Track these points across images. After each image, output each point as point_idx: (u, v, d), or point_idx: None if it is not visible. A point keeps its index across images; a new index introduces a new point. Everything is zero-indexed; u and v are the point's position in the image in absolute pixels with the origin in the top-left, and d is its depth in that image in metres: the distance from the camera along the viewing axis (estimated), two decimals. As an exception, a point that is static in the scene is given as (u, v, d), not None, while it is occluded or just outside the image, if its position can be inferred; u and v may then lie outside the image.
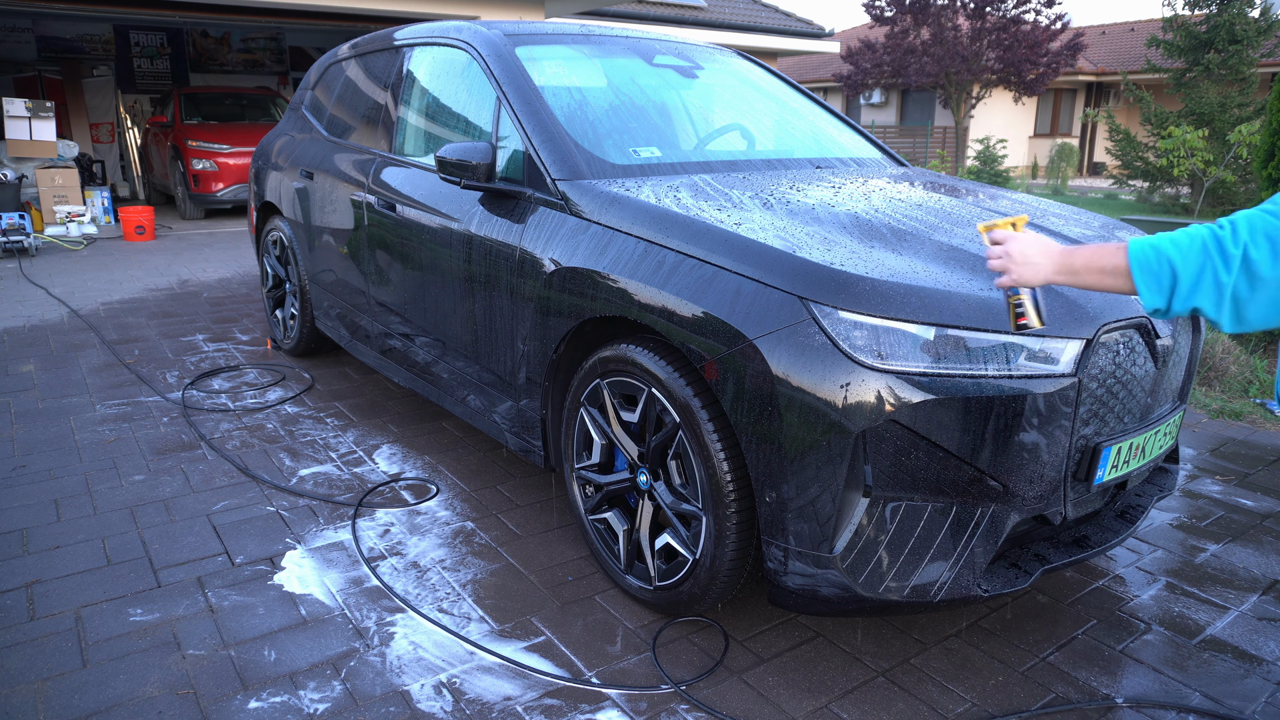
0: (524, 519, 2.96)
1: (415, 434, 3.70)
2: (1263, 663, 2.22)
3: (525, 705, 2.04)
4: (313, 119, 4.44)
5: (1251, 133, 9.20)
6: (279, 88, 15.21)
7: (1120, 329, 2.04)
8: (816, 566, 1.96)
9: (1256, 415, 4.01)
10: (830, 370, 1.86)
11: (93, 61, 13.80)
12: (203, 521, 2.90)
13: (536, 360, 2.65)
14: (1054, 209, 2.73)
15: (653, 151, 2.84)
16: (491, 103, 2.97)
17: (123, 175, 13.94)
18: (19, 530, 2.82)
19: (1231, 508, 3.10)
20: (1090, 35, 26.50)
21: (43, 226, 9.09)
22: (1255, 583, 2.60)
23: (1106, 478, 2.07)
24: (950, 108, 20.98)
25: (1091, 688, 2.12)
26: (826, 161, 3.14)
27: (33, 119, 9.05)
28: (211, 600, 2.44)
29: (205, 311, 5.91)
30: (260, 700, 2.03)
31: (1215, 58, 14.56)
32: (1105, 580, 2.61)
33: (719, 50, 3.80)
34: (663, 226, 2.27)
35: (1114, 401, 2.05)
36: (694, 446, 2.11)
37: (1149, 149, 13.67)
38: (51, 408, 3.97)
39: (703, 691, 2.09)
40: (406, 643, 2.26)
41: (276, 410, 3.97)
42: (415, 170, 3.32)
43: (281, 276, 4.71)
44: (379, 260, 3.49)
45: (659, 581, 2.33)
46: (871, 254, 2.06)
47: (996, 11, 19.86)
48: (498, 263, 2.75)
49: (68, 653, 2.19)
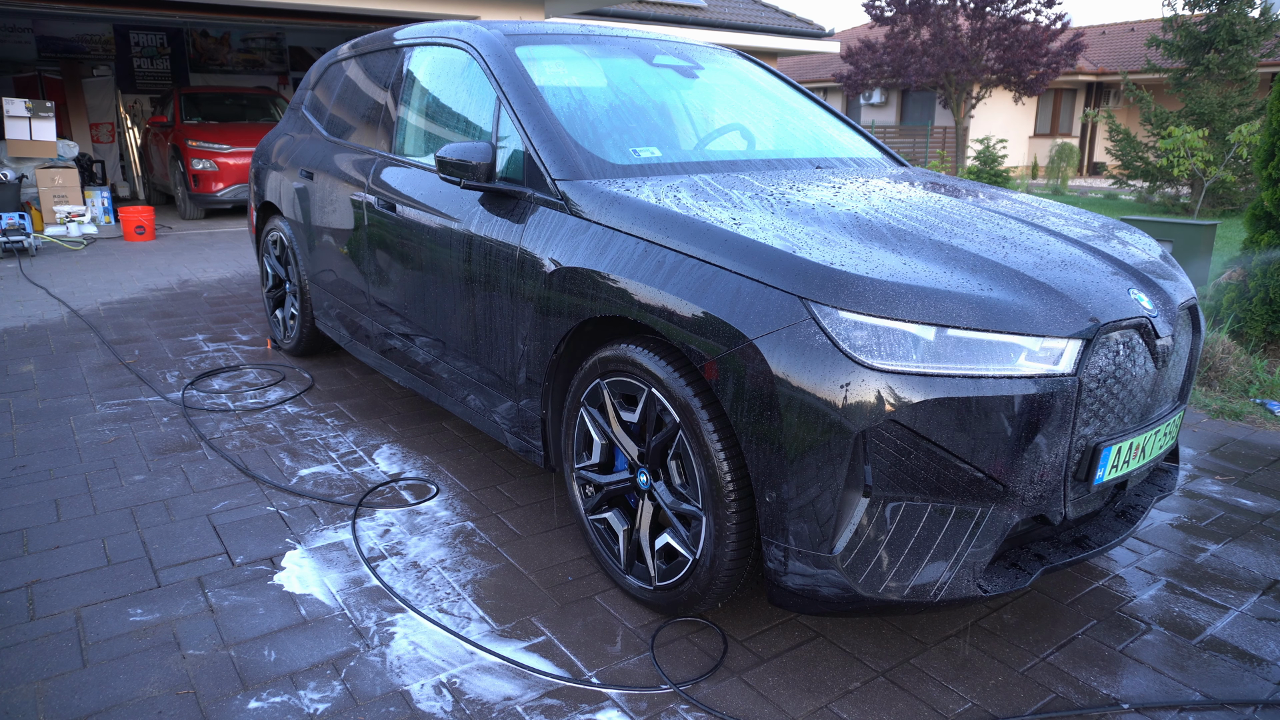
0: (524, 519, 2.96)
1: (415, 434, 3.70)
2: (1263, 663, 2.22)
3: (525, 705, 2.04)
4: (313, 119, 4.44)
5: (1251, 133, 9.20)
6: (279, 88, 15.22)
7: (1120, 329, 2.04)
8: (816, 566, 1.96)
9: (1256, 415, 4.01)
10: (830, 370, 1.86)
11: (93, 61, 13.80)
12: (203, 521, 2.90)
13: (536, 360, 2.65)
14: (1054, 209, 2.73)
15: (653, 151, 2.84)
16: (491, 103, 2.97)
17: (123, 175, 13.94)
18: (19, 530, 2.82)
19: (1231, 508, 3.10)
20: (1090, 35, 26.51)
21: (43, 226, 9.09)
22: (1255, 583, 2.60)
23: (1106, 478, 2.07)
24: (950, 108, 20.98)
25: (1091, 688, 2.12)
26: (826, 161, 3.14)
27: (33, 119, 9.06)
28: (211, 600, 2.44)
29: (205, 311, 5.91)
30: (260, 700, 2.03)
31: (1215, 58, 14.57)
32: (1105, 580, 2.61)
33: (719, 50, 3.80)
34: (663, 226, 2.27)
35: (1114, 401, 2.05)
36: (694, 446, 2.11)
37: (1149, 149, 13.68)
38: (51, 408, 3.97)
39: (703, 691, 2.09)
40: (406, 643, 2.26)
41: (276, 410, 3.97)
42: (415, 170, 3.32)
43: (281, 276, 4.71)
44: (379, 260, 3.49)
45: (659, 581, 2.33)
46: (871, 254, 2.06)
47: (996, 11, 19.87)
48: (498, 263, 2.75)
49: (68, 653, 2.19)
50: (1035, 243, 2.27)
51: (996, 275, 2.03)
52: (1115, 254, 2.31)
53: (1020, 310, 1.94)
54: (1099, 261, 2.23)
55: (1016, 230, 2.36)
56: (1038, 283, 2.02)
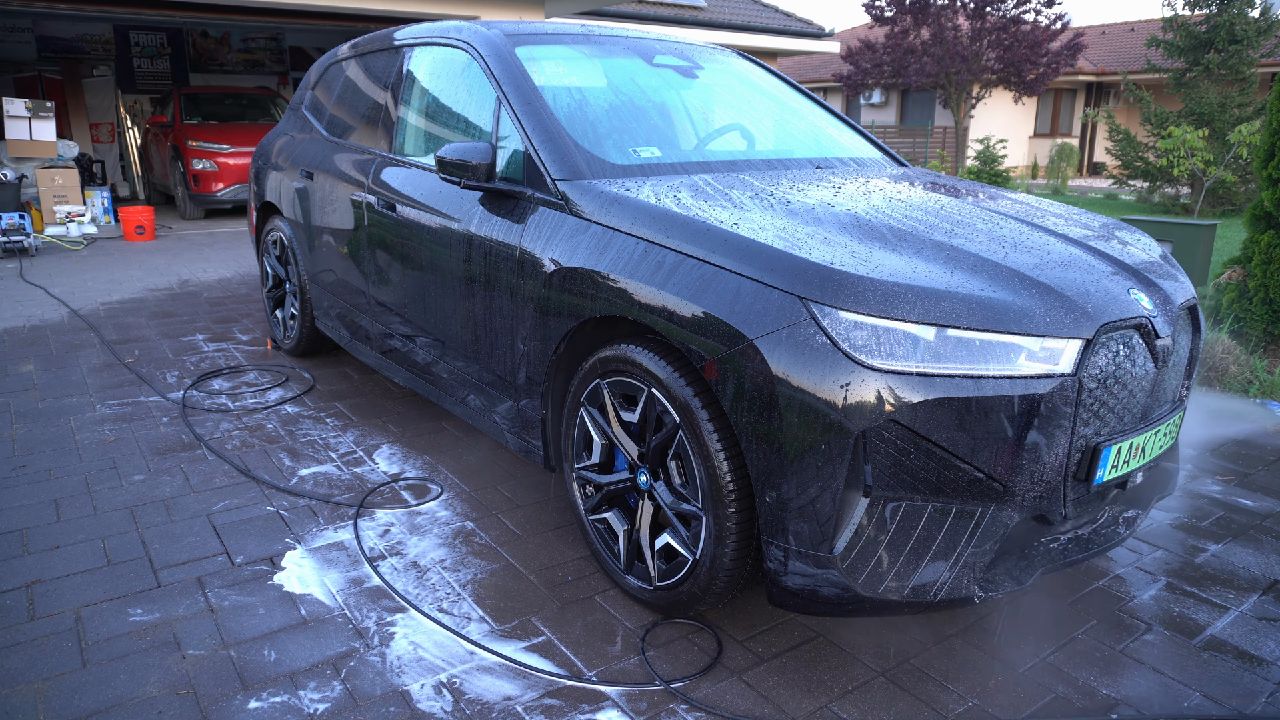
0: (524, 519, 2.96)
1: (415, 434, 3.70)
2: (1263, 663, 2.22)
3: (525, 705, 2.04)
4: (313, 119, 4.44)
5: (1251, 133, 9.20)
6: (279, 88, 15.21)
7: (1120, 329, 2.04)
8: (816, 566, 1.96)
9: (1256, 415, 4.01)
10: (830, 370, 1.86)
11: (93, 61, 13.80)
12: (203, 521, 2.90)
13: (536, 360, 2.65)
14: (1054, 209, 2.73)
15: (653, 151, 2.84)
16: (491, 103, 2.97)
17: (123, 175, 13.94)
18: (19, 530, 2.82)
19: (1231, 508, 3.10)
20: (1090, 35, 26.50)
21: (43, 226, 9.09)
22: (1255, 583, 2.60)
23: (1106, 478, 2.07)
24: (950, 108, 20.98)
25: (1091, 688, 2.12)
26: (826, 161, 3.14)
27: (33, 119, 9.06)
28: (211, 600, 2.44)
29: (205, 311, 5.91)
30: (260, 700, 2.03)
31: (1215, 58, 14.57)
32: (1105, 580, 2.61)
33: (719, 50, 3.80)
34: (663, 226, 2.27)
35: (1114, 401, 2.05)
36: (694, 446, 2.11)
37: (1149, 149, 13.68)
38: (51, 408, 3.97)
39: (703, 691, 2.09)
40: (406, 643, 2.26)
41: (277, 410, 3.97)
42: (415, 170, 3.32)
43: (281, 276, 4.71)
44: (379, 260, 3.49)
45: (659, 582, 2.33)
46: (871, 254, 2.06)
47: (996, 11, 19.87)
48: (498, 263, 2.75)
49: (68, 653, 2.19)
50: (1035, 243, 2.27)
51: (996, 275, 2.03)
52: (1115, 254, 2.31)
53: (1020, 310, 1.94)
54: (1099, 261, 2.23)
55: (1016, 230, 2.36)
56: (1038, 283, 2.02)
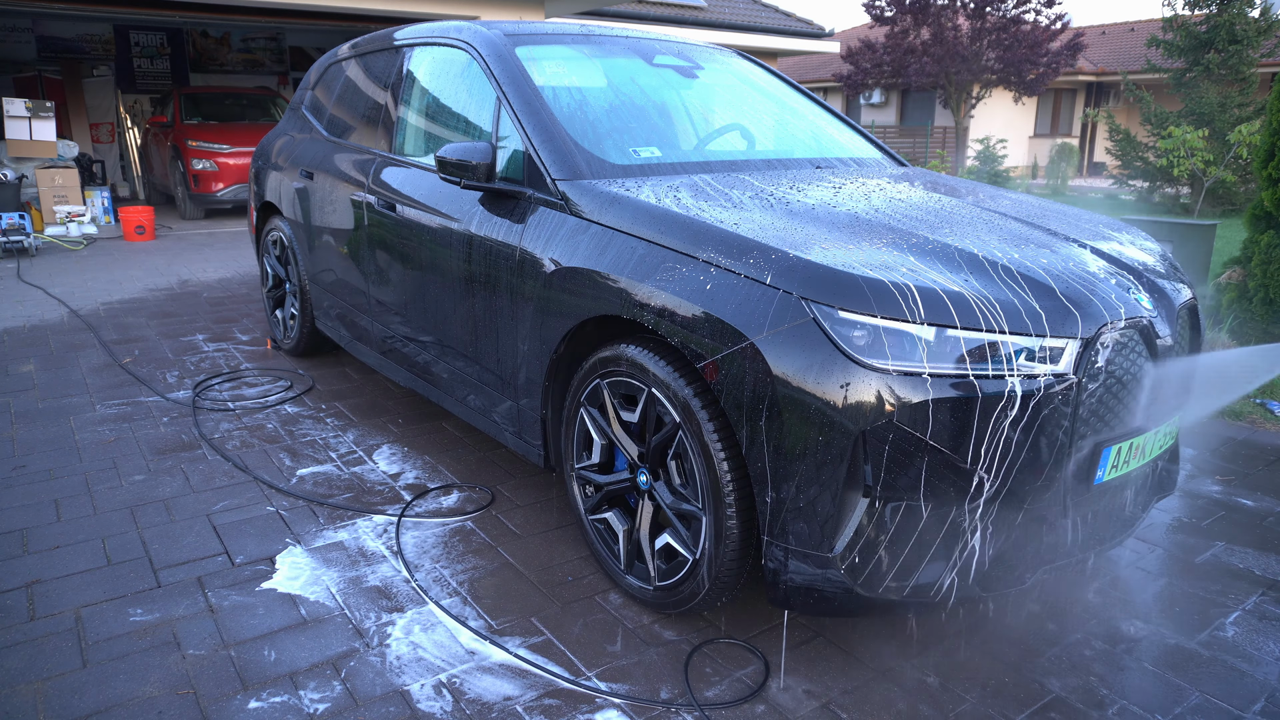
0: (524, 519, 2.96)
1: (415, 434, 3.70)
2: (1263, 663, 2.22)
3: (525, 705, 2.04)
4: (313, 119, 4.44)
5: (1251, 133, 9.20)
6: (279, 88, 15.21)
7: (1120, 329, 2.04)
8: (816, 566, 1.96)
9: (1256, 415, 4.01)
10: (830, 370, 1.86)
11: (93, 61, 13.80)
12: (203, 521, 2.90)
13: (536, 360, 2.65)
14: (1054, 209, 2.73)
15: (653, 151, 2.84)
16: (491, 103, 2.97)
17: (123, 175, 13.94)
18: (19, 530, 2.82)
19: (1231, 508, 3.10)
20: (1090, 35, 26.49)
21: (43, 226, 9.09)
22: (1255, 583, 2.60)
23: (1106, 478, 2.07)
24: (950, 108, 20.99)
25: (1091, 688, 2.12)
26: (826, 161, 3.14)
27: (33, 119, 9.06)
28: (211, 600, 2.44)
29: (205, 311, 5.91)
30: (260, 700, 2.03)
31: (1215, 58, 14.56)
32: (1105, 580, 2.61)
33: (719, 50, 3.80)
34: (663, 227, 2.27)
35: (1114, 402, 2.05)
36: (694, 446, 2.11)
37: (1149, 149, 13.68)
38: (51, 408, 3.97)
39: (703, 693, 2.09)
40: (406, 642, 2.26)
41: (277, 410, 3.97)
42: (415, 170, 3.32)
43: (281, 276, 4.71)
44: (379, 260, 3.49)
45: (659, 581, 2.33)
46: (871, 254, 2.06)
47: (996, 11, 19.88)
48: (498, 263, 2.75)
49: (68, 653, 2.19)
50: (1035, 243, 2.27)
51: (996, 275, 2.03)
52: (1115, 254, 2.31)
53: (1020, 310, 1.93)
54: (1099, 262, 2.22)
55: (1016, 230, 2.36)
56: (1037, 283, 2.02)
